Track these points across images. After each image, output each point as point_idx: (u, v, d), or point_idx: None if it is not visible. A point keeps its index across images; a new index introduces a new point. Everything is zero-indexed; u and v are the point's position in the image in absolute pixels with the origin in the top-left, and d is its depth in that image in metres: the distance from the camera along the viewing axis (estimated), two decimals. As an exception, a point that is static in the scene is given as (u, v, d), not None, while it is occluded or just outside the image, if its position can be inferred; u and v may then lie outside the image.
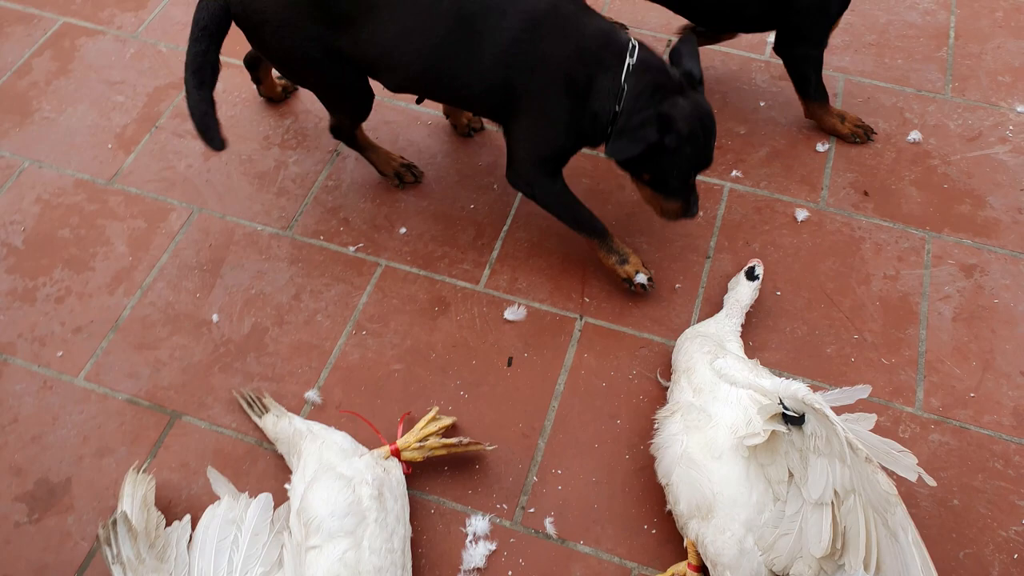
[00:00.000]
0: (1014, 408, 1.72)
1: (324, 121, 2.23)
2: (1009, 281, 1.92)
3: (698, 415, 1.50)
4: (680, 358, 1.66)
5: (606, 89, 1.63)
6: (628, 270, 1.87)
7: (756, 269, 1.81)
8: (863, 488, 1.28)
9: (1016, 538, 1.56)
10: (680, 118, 1.60)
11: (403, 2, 1.62)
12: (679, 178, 1.69)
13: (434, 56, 1.65)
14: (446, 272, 1.93)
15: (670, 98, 1.61)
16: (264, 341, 1.82)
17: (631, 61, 1.62)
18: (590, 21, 1.65)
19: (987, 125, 2.22)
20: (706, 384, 1.54)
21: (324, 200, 2.07)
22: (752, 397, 1.47)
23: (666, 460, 1.51)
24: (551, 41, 1.62)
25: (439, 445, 1.56)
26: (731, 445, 1.44)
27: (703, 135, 1.65)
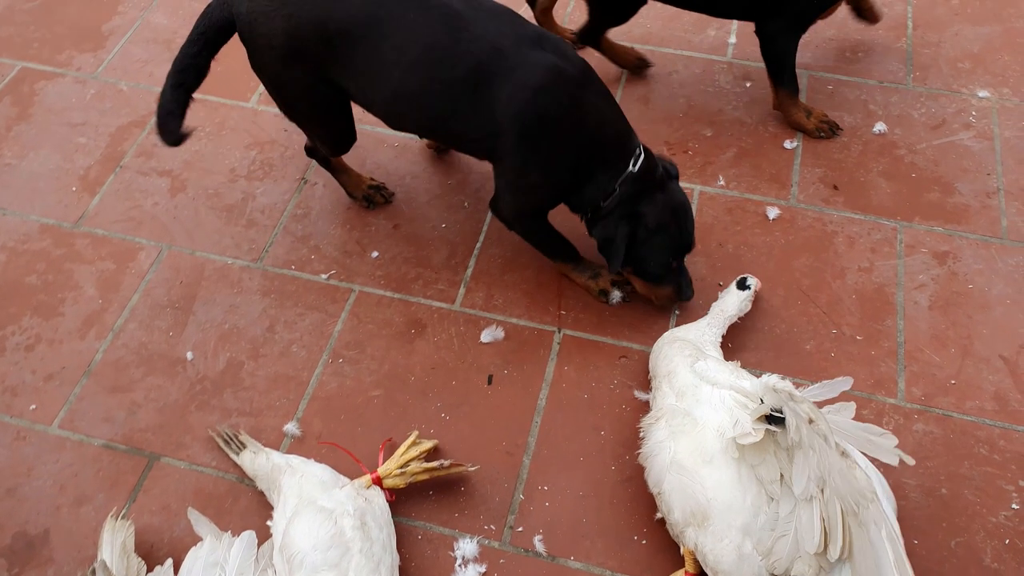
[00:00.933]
0: (995, 392, 1.74)
1: (291, 150, 2.23)
2: (982, 266, 1.94)
3: (683, 419, 1.50)
4: (660, 363, 1.66)
5: (601, 184, 1.70)
6: (602, 283, 1.89)
7: (748, 280, 1.81)
8: (836, 481, 1.29)
9: (1006, 523, 1.57)
10: (650, 213, 1.68)
11: (415, 58, 1.60)
12: (660, 265, 1.75)
13: (440, 108, 1.65)
14: (421, 293, 1.93)
15: (648, 197, 1.69)
16: (240, 376, 1.81)
17: (632, 169, 1.68)
18: (609, 115, 1.69)
19: (950, 112, 2.25)
20: (688, 387, 1.54)
21: (294, 229, 2.07)
22: (735, 399, 1.48)
23: (656, 468, 1.50)
24: (570, 121, 1.63)
25: (421, 470, 1.55)
26: (720, 448, 1.44)
27: (676, 223, 1.72)
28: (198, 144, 2.25)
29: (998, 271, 1.92)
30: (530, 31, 1.64)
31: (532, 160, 1.67)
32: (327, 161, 2.03)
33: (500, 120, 1.62)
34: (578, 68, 1.64)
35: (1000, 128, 2.20)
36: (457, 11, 1.59)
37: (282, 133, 2.27)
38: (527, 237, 1.89)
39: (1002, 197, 2.06)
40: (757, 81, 2.35)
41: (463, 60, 1.58)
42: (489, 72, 1.58)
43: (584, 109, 1.64)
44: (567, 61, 1.62)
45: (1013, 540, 1.55)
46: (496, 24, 1.61)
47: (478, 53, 1.57)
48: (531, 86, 1.58)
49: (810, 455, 1.31)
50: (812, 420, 1.31)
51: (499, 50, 1.58)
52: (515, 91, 1.58)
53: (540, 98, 1.59)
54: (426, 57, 1.60)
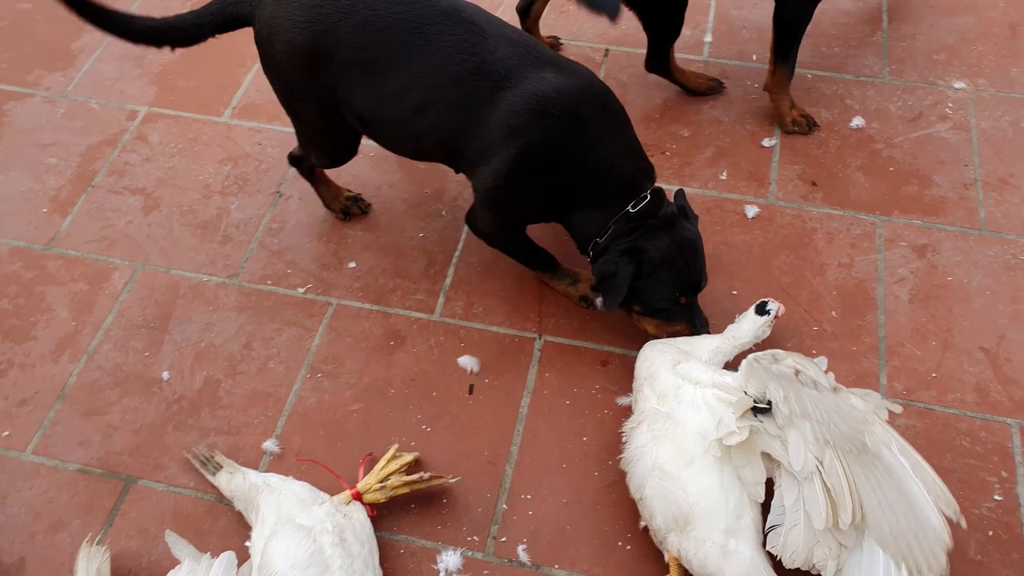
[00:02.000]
0: (976, 384, 1.75)
1: (265, 164, 2.23)
2: (961, 257, 1.95)
3: (665, 422, 1.50)
4: (642, 365, 1.66)
5: (594, 219, 1.69)
6: (582, 289, 1.89)
7: (768, 304, 1.70)
8: (834, 427, 1.29)
9: (989, 515, 1.57)
10: (654, 248, 1.64)
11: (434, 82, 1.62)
12: (667, 300, 1.68)
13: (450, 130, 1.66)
14: (399, 304, 1.94)
15: (649, 234, 1.66)
16: (218, 394, 1.81)
17: (631, 210, 1.66)
18: (615, 152, 1.67)
19: (927, 104, 2.27)
20: (670, 389, 1.55)
21: (269, 244, 2.06)
22: (718, 396, 1.48)
23: (637, 474, 1.51)
24: (564, 151, 1.62)
25: (401, 483, 1.55)
26: (702, 451, 1.44)
27: (683, 258, 1.66)
28: (171, 161, 2.25)
29: (977, 262, 1.94)
30: (547, 56, 1.64)
31: (516, 181, 1.66)
32: (311, 171, 2.03)
33: (493, 134, 1.61)
34: (592, 100, 1.62)
35: (976, 119, 2.22)
36: (480, 39, 1.60)
37: (256, 147, 2.27)
38: (504, 250, 1.90)
39: (979, 188, 2.08)
40: (734, 79, 2.36)
41: (479, 82, 1.59)
42: (498, 90, 1.59)
43: (583, 142, 1.62)
44: (580, 92, 1.61)
45: (996, 531, 1.55)
46: (513, 49, 1.61)
47: (494, 74, 1.59)
48: (530, 108, 1.58)
49: (804, 427, 1.32)
50: (799, 371, 1.32)
51: (512, 71, 1.59)
52: (515, 110, 1.58)
53: (538, 122, 1.59)
54: (444, 81, 1.61)
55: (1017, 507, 1.59)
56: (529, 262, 1.91)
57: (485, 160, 1.66)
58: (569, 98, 1.60)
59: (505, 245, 1.88)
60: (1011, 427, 1.69)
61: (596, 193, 1.68)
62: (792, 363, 1.35)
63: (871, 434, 1.30)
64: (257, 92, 2.40)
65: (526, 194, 1.70)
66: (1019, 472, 1.63)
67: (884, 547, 1.31)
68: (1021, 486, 1.61)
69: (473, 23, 1.62)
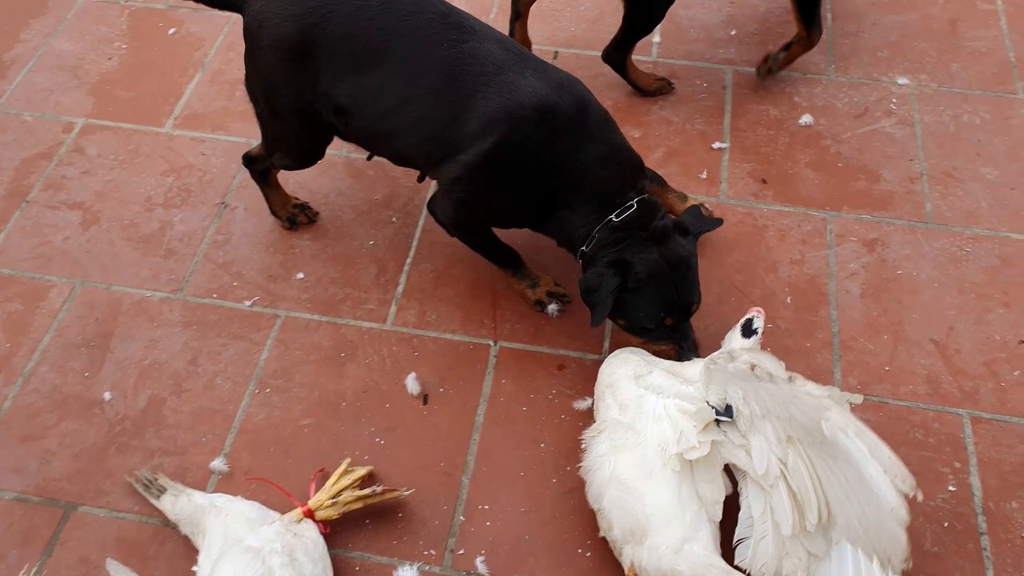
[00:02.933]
0: (927, 376, 1.77)
1: (209, 175, 2.18)
2: (909, 251, 1.98)
3: (625, 433, 1.48)
4: (605, 372, 1.64)
5: (574, 226, 1.67)
6: (539, 293, 1.88)
7: (754, 322, 1.59)
8: (794, 419, 1.29)
9: (944, 506, 1.59)
10: (641, 262, 1.60)
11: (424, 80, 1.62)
12: (651, 321, 1.63)
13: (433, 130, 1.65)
14: (350, 314, 1.90)
15: (638, 247, 1.61)
16: (163, 413, 1.75)
17: (614, 219, 1.63)
18: (596, 160, 1.63)
19: (872, 100, 2.30)
20: (632, 399, 1.52)
21: (215, 256, 2.01)
22: (680, 407, 1.45)
23: (596, 483, 1.48)
24: (539, 158, 1.61)
25: (354, 498, 1.52)
26: (661, 463, 1.42)
27: (671, 275, 1.61)
28: (111, 173, 2.18)
29: (925, 255, 1.97)
30: (531, 59, 1.65)
31: (483, 177, 1.64)
32: (265, 174, 1.98)
33: (469, 129, 1.61)
34: (571, 105, 1.61)
35: (920, 114, 2.26)
36: (481, 46, 1.62)
37: (199, 157, 2.22)
38: (466, 243, 1.86)
39: (925, 182, 2.12)
40: (683, 79, 2.37)
41: (476, 86, 1.60)
42: (480, 85, 1.60)
43: (559, 146, 1.61)
44: (560, 96, 1.61)
45: (952, 522, 1.57)
46: (498, 47, 1.63)
47: (491, 83, 1.60)
48: (508, 106, 1.58)
49: (766, 428, 1.32)
50: (754, 365, 1.32)
51: (495, 69, 1.61)
52: (492, 106, 1.59)
53: (513, 120, 1.58)
54: (428, 73, 1.62)
55: (971, 497, 1.61)
56: (493, 257, 1.87)
57: (456, 153, 1.64)
58: (548, 101, 1.59)
59: (468, 239, 1.84)
60: (963, 417, 1.71)
61: (571, 199, 1.65)
62: (748, 359, 1.35)
63: (827, 420, 1.29)
64: (200, 101, 2.34)
65: (490, 192, 1.68)
66: (972, 462, 1.65)
67: (854, 541, 1.31)
68: (974, 476, 1.63)
69: (461, 18, 1.65)
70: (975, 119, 2.24)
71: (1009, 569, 1.52)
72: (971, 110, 2.26)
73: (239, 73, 2.39)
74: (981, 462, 1.65)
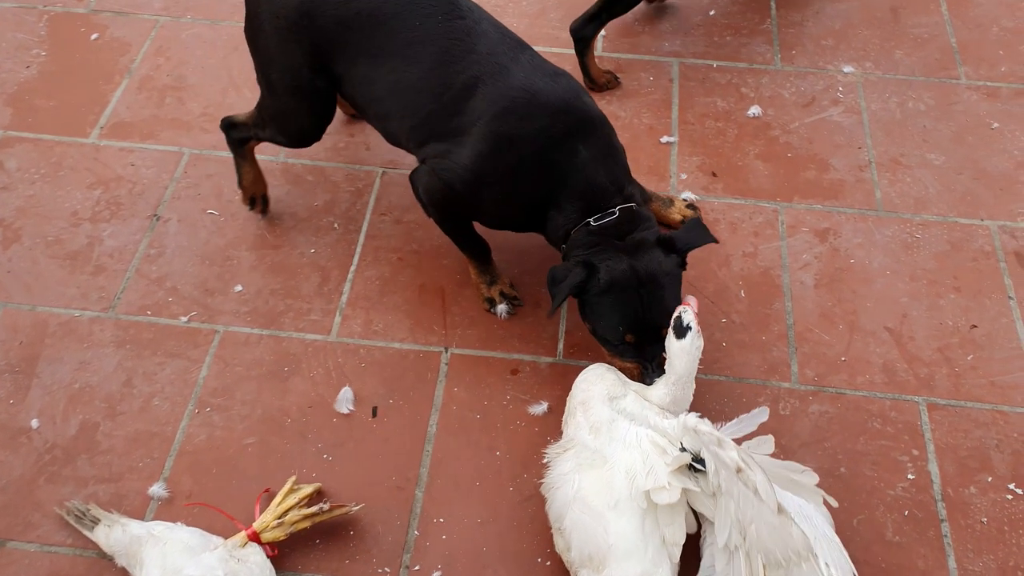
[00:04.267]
0: (883, 364, 1.79)
1: (139, 186, 2.11)
2: (861, 239, 2.01)
3: (592, 455, 1.44)
4: (578, 387, 1.57)
5: (558, 225, 1.66)
6: (493, 291, 1.86)
7: (684, 317, 1.47)
8: (763, 534, 1.28)
9: (904, 495, 1.61)
10: (607, 267, 1.56)
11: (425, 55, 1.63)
12: (611, 332, 1.59)
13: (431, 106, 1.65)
14: (292, 327, 1.86)
15: (608, 253, 1.58)
16: (96, 439, 1.69)
17: (591, 223, 1.60)
18: (584, 163, 1.61)
19: (819, 89, 2.33)
20: (603, 423, 1.46)
21: (147, 271, 1.95)
22: (652, 440, 1.41)
23: (558, 501, 1.44)
24: (526, 154, 1.60)
25: (300, 517, 1.48)
26: (628, 493, 1.37)
27: (637, 290, 1.55)
28: (32, 188, 2.10)
29: (876, 243, 2.00)
30: (535, 58, 1.67)
31: (472, 170, 1.63)
32: (241, 143, 1.94)
33: (458, 116, 1.61)
34: (567, 102, 1.61)
35: (867, 102, 2.30)
36: (476, 26, 1.65)
37: (128, 168, 2.15)
38: (441, 226, 1.81)
39: (874, 169, 2.15)
40: (629, 73, 2.37)
41: (468, 64, 1.61)
42: (483, 80, 1.60)
43: (551, 144, 1.60)
44: (562, 95, 1.61)
45: (912, 511, 1.59)
46: (502, 39, 1.66)
47: (483, 63, 1.61)
48: (504, 99, 1.59)
49: (730, 504, 1.30)
50: (741, 469, 1.28)
51: (502, 64, 1.61)
52: (486, 96, 1.59)
53: (507, 115, 1.59)
54: (427, 60, 1.63)
55: (930, 484, 1.63)
56: (462, 244, 1.83)
57: (444, 136, 1.64)
58: (539, 89, 1.59)
59: (440, 221, 1.79)
60: (919, 404, 1.74)
61: (557, 197, 1.63)
62: (737, 458, 1.28)
63: (798, 567, 1.28)
64: (127, 109, 2.27)
65: (478, 181, 1.64)
66: (929, 449, 1.68)
67: None
68: (932, 463, 1.66)
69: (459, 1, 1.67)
70: (920, 105, 2.29)
71: (970, 555, 1.54)
72: (916, 96, 2.31)
73: (168, 79, 2.34)
74: (938, 448, 1.68)
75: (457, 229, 1.81)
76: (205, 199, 2.08)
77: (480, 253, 1.85)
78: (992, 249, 1.99)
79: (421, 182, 1.72)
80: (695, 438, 1.35)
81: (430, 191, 1.71)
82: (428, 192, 1.72)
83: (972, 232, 2.02)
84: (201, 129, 2.22)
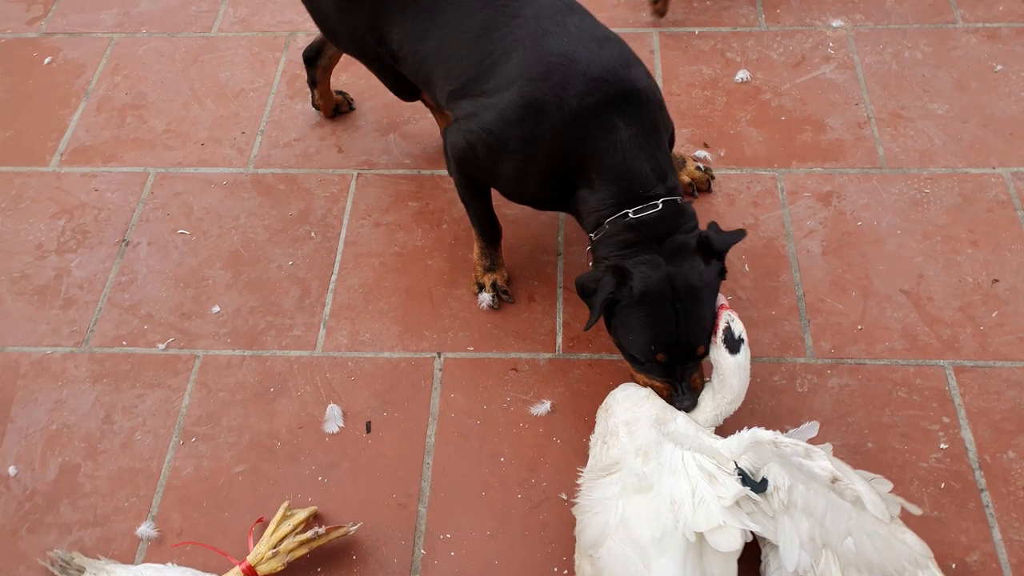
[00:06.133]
0: (903, 329, 1.72)
1: (105, 212, 2.04)
2: (867, 199, 1.93)
3: (639, 481, 1.32)
4: (621, 404, 1.43)
5: (591, 209, 1.50)
6: (486, 278, 1.80)
7: (734, 328, 1.39)
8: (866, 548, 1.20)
9: (938, 466, 1.54)
10: (641, 276, 1.39)
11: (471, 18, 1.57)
12: (638, 349, 1.43)
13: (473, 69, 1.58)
14: (275, 345, 1.79)
15: (643, 258, 1.42)
16: (77, 481, 1.62)
17: (630, 214, 1.44)
18: (624, 142, 1.45)
19: (808, 47, 2.25)
20: (652, 446, 1.35)
21: (120, 300, 1.88)
22: (699, 463, 1.30)
23: (594, 527, 1.32)
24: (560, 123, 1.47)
25: (296, 544, 1.41)
26: (673, 525, 1.27)
27: (673, 305, 1.39)
28: (-6, 223, 2.04)
29: (883, 202, 1.92)
30: (589, 27, 1.55)
31: (501, 131, 1.52)
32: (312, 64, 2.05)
33: (495, 76, 1.52)
34: (613, 71, 1.46)
35: (860, 55, 2.22)
36: None
37: (92, 194, 2.08)
38: (461, 194, 1.72)
39: (874, 125, 2.07)
40: (608, 48, 2.29)
41: (511, 29, 1.53)
42: (523, 44, 1.51)
43: (589, 115, 1.45)
44: (607, 62, 1.47)
45: (948, 482, 1.52)
46: (554, 8, 1.55)
47: (525, 27, 1.52)
48: (538, 60, 1.49)
49: (802, 523, 1.22)
50: (837, 479, 1.20)
51: (544, 29, 1.51)
52: (524, 58, 1.50)
53: (537, 83, 1.48)
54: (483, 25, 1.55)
55: (965, 452, 1.55)
56: (476, 219, 1.75)
57: (480, 97, 1.55)
58: (581, 55, 1.47)
59: (461, 188, 1.71)
60: (945, 368, 1.66)
61: (591, 176, 1.48)
62: (831, 467, 1.20)
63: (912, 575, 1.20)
64: (87, 133, 2.20)
65: (504, 145, 1.53)
66: (960, 415, 1.60)
67: None
68: (965, 429, 1.58)
69: None
70: (916, 54, 2.21)
71: (1015, 524, 1.47)
72: (911, 45, 2.23)
73: (128, 98, 2.27)
74: (970, 413, 1.60)
75: (474, 197, 1.71)
76: (175, 219, 2.01)
77: (489, 233, 1.77)
78: (1007, 198, 1.91)
79: (449, 139, 1.63)
80: (759, 454, 1.26)
81: (455, 149, 1.62)
82: (453, 150, 1.63)
83: (984, 182, 1.94)
84: (165, 146, 2.15)
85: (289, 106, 2.23)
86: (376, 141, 2.14)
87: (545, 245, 1.92)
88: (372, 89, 2.24)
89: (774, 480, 1.26)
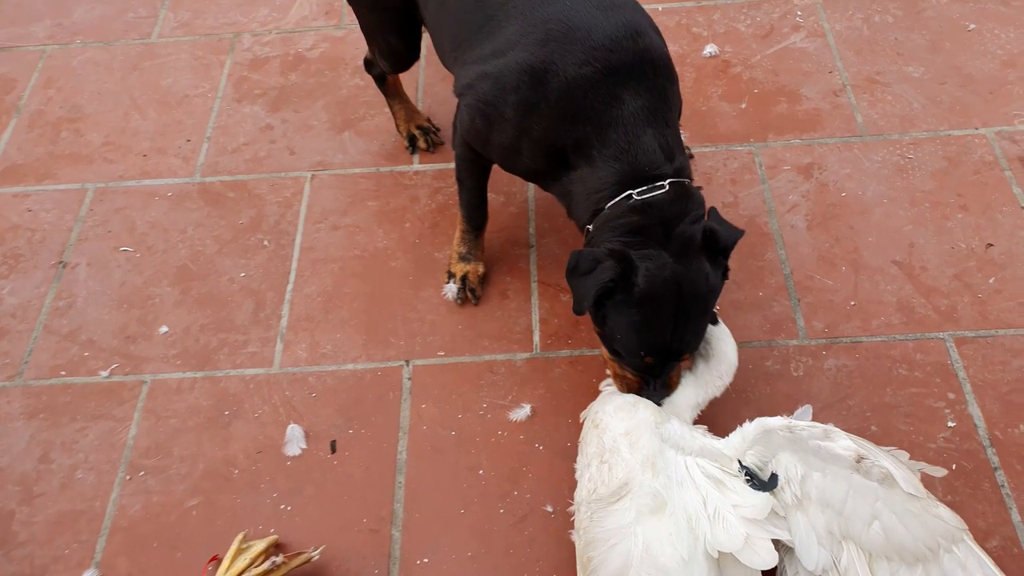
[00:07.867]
0: (898, 302, 1.58)
1: (40, 233, 1.86)
2: (849, 169, 1.80)
3: (652, 499, 1.16)
4: (615, 415, 1.27)
5: (591, 189, 1.34)
6: (459, 268, 1.67)
7: None
8: (896, 529, 1.08)
9: (947, 446, 1.40)
10: (647, 273, 1.24)
11: None
12: (629, 351, 1.29)
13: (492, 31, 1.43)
14: (228, 364, 1.61)
15: (650, 250, 1.26)
16: (12, 530, 1.44)
17: (635, 195, 1.28)
18: (634, 118, 1.31)
19: (776, 17, 2.12)
20: (657, 456, 1.19)
21: (57, 326, 1.70)
22: (704, 469, 1.16)
23: (615, 562, 1.14)
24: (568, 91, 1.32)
25: (254, 583, 1.24)
26: (693, 543, 1.11)
27: (674, 308, 1.24)
28: (-82, 253, 1.85)
29: (866, 171, 1.79)
30: None
31: (498, 99, 1.38)
32: (382, 80, 1.89)
33: (494, 40, 1.39)
34: (620, 39, 1.31)
35: (829, 22, 2.09)
36: None
37: (25, 214, 1.90)
38: (457, 168, 1.59)
39: (850, 92, 1.94)
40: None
41: None
42: (523, 9, 1.37)
43: (592, 85, 1.31)
44: (614, 29, 1.32)
45: (960, 463, 1.38)
46: None
47: None
48: (538, 26, 1.35)
49: (817, 517, 1.09)
50: (863, 458, 1.08)
51: None
52: (524, 31, 1.36)
53: (534, 49, 1.34)
54: None
55: (974, 429, 1.42)
56: (465, 199, 1.61)
57: (479, 63, 1.42)
58: (584, 20, 1.32)
59: (459, 161, 1.57)
60: (946, 341, 1.53)
61: (592, 151, 1.32)
62: (854, 446, 1.09)
63: (948, 552, 1.08)
64: (18, 151, 2.02)
65: (501, 113, 1.39)
66: (966, 389, 1.47)
67: None
68: (972, 405, 1.45)
69: None
70: (887, 18, 2.08)
71: (1035, 503, 1.33)
72: (881, 9, 2.10)
73: (62, 111, 2.09)
74: (976, 387, 1.47)
75: (471, 176, 1.58)
76: (116, 236, 1.84)
77: (475, 218, 1.64)
78: (993, 158, 1.79)
79: (459, 115, 1.50)
80: (767, 445, 1.12)
81: (462, 124, 1.49)
82: (461, 125, 1.49)
83: (968, 143, 1.82)
84: (104, 160, 1.97)
85: (236, 110, 2.06)
86: (330, 140, 1.97)
87: (516, 237, 1.76)
88: (323, 87, 2.08)
89: (785, 473, 1.11)
